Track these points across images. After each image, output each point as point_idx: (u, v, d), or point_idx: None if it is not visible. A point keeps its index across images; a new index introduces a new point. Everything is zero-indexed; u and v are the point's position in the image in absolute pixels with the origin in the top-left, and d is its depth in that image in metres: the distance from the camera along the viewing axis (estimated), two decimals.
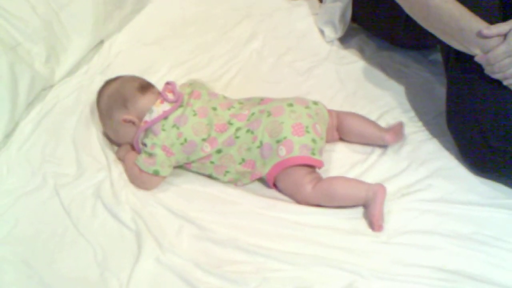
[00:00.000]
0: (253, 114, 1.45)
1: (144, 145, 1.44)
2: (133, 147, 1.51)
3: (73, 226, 1.35)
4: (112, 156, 1.51)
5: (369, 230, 1.35)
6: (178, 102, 1.44)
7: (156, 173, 1.42)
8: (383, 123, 1.62)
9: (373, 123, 1.57)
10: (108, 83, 1.56)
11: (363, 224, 1.36)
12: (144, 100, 1.48)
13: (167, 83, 1.50)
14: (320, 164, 1.43)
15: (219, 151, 1.42)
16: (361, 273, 1.25)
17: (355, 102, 1.67)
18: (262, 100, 1.50)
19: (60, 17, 1.75)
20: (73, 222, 1.36)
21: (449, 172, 1.49)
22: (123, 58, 1.83)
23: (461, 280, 1.24)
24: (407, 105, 1.70)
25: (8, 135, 1.54)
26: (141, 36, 1.91)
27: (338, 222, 1.36)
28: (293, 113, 1.43)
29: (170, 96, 1.46)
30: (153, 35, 1.90)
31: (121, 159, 1.50)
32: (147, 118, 1.44)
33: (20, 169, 1.47)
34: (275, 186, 1.45)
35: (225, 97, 1.53)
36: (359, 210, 1.39)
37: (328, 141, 1.53)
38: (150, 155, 1.42)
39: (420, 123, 1.64)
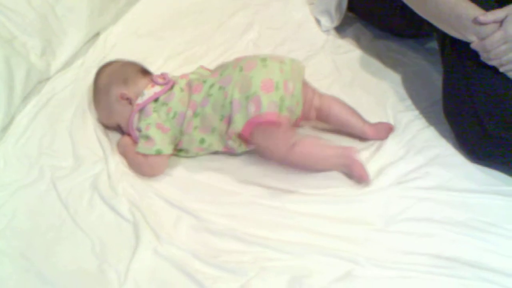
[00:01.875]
0: (226, 69, 1.47)
1: (139, 130, 1.45)
2: (129, 138, 1.50)
3: (71, 219, 1.35)
4: (109, 148, 1.51)
5: (366, 219, 1.35)
6: (168, 85, 1.48)
7: (159, 152, 1.42)
8: (380, 111, 1.62)
9: (357, 114, 1.55)
10: (109, 63, 1.60)
11: (360, 213, 1.36)
12: (143, 81, 1.51)
13: (162, 73, 1.54)
14: (285, 120, 1.40)
15: (197, 114, 1.44)
16: (359, 261, 1.25)
17: (351, 91, 1.67)
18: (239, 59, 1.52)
19: (55, 10, 1.75)
20: (71, 214, 1.36)
21: (446, 159, 1.48)
22: (119, 50, 1.83)
23: (458, 266, 1.24)
24: (403, 94, 1.70)
25: (5, 129, 1.54)
26: (137, 28, 1.91)
27: (335, 211, 1.36)
28: (264, 67, 1.42)
29: (160, 80, 1.50)
30: (149, 27, 1.90)
31: (122, 154, 1.50)
32: (139, 101, 1.47)
33: (17, 162, 1.47)
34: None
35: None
36: (356, 199, 1.39)
37: (304, 117, 1.54)
38: (148, 137, 1.42)
39: (417, 111, 1.64)
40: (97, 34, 1.89)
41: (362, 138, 1.55)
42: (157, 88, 1.48)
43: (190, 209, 1.37)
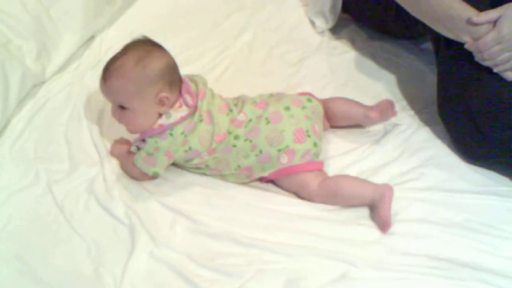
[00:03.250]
0: (250, 120, 1.42)
1: (144, 141, 1.40)
2: (124, 146, 1.50)
3: (67, 222, 1.35)
4: (104, 151, 1.50)
5: (363, 221, 1.35)
6: (194, 108, 1.39)
7: (155, 174, 1.41)
8: None
9: (357, 103, 1.56)
10: (160, 48, 1.43)
11: (356, 215, 1.36)
12: (176, 94, 1.41)
13: (186, 86, 1.42)
14: (320, 166, 1.43)
15: (215, 158, 1.42)
16: (355, 263, 1.26)
17: (346, 93, 1.66)
18: (256, 103, 1.46)
19: (50, 13, 1.75)
20: (67, 218, 1.36)
21: (441, 160, 1.49)
22: (114, 53, 1.83)
23: (455, 268, 1.25)
24: (398, 94, 1.70)
25: (0, 132, 1.53)
26: (132, 30, 1.89)
27: (332, 213, 1.37)
28: (292, 118, 1.42)
29: (189, 99, 1.40)
30: (144, 29, 1.88)
31: (115, 156, 1.50)
32: (164, 121, 1.38)
33: (12, 166, 1.47)
34: (271, 181, 1.45)
35: (220, 97, 1.48)
36: None
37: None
38: (151, 155, 1.39)
39: (411, 112, 1.64)
40: (92, 37, 1.89)
41: (370, 124, 1.57)
42: (184, 111, 1.38)
43: (186, 212, 1.37)
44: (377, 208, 1.34)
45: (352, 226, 1.34)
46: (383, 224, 1.33)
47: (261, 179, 1.45)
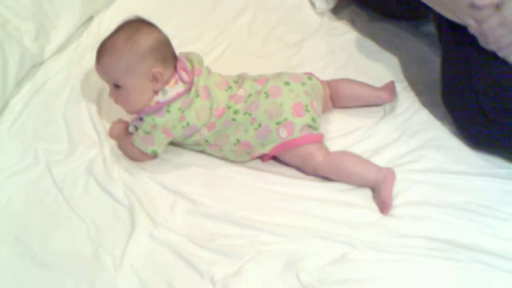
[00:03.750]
0: (250, 95, 1.43)
1: (142, 119, 1.40)
2: (122, 126, 1.50)
3: (66, 203, 1.35)
4: (103, 132, 1.50)
5: (362, 202, 1.35)
6: (190, 84, 1.39)
7: (154, 153, 1.41)
8: None
9: (367, 84, 1.58)
10: (151, 26, 1.44)
11: (355, 196, 1.36)
12: (171, 70, 1.41)
13: (177, 59, 1.44)
14: (321, 138, 1.43)
15: (215, 132, 1.41)
16: (354, 244, 1.26)
17: (346, 74, 1.65)
18: (256, 80, 1.46)
19: None
20: (66, 199, 1.36)
21: (441, 142, 1.48)
22: None
23: (454, 249, 1.25)
24: (399, 76, 1.69)
25: None
26: (130, 11, 1.89)
27: (331, 194, 1.37)
28: (291, 92, 1.42)
29: (184, 76, 1.40)
30: (142, 10, 1.86)
31: (114, 138, 1.50)
32: (160, 98, 1.38)
33: (11, 147, 1.47)
34: (272, 157, 1.45)
35: (219, 75, 1.49)
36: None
37: (323, 111, 1.53)
38: (148, 133, 1.39)
39: (412, 93, 1.63)
40: (90, 18, 1.88)
41: (379, 104, 1.59)
42: (180, 87, 1.39)
43: (185, 193, 1.37)
44: (378, 190, 1.35)
45: (351, 208, 1.34)
46: (384, 206, 1.33)
47: (262, 158, 1.45)
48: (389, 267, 1.23)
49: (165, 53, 1.41)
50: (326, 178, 1.40)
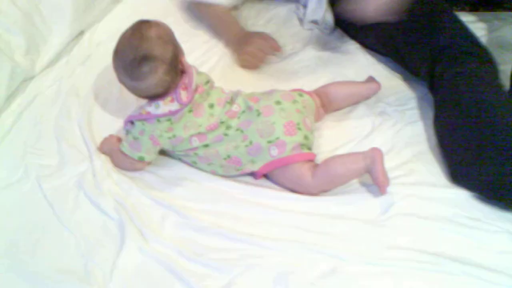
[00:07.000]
0: (243, 112, 1.44)
1: (132, 122, 1.43)
2: (115, 138, 1.50)
3: (56, 218, 1.35)
4: (93, 147, 1.50)
5: (351, 215, 1.35)
6: (185, 106, 1.40)
7: (141, 159, 1.42)
8: (366, 106, 1.64)
9: (354, 81, 1.65)
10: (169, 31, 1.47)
11: (345, 209, 1.37)
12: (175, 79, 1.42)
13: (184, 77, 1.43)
14: (312, 157, 1.44)
15: (206, 146, 1.42)
16: (344, 257, 1.26)
17: None
18: (249, 97, 1.48)
19: (39, 8, 1.74)
20: (56, 213, 1.36)
21: (430, 156, 1.49)
22: (104, 48, 1.81)
23: (443, 262, 1.25)
24: (389, 89, 1.69)
25: None
26: (122, 26, 1.89)
27: (321, 207, 1.37)
28: (282, 111, 1.43)
29: (183, 96, 1.40)
30: None
31: (104, 152, 1.50)
32: (152, 110, 1.39)
33: (1, 162, 1.47)
34: (264, 176, 1.45)
35: (222, 91, 1.50)
36: (342, 196, 1.40)
37: (316, 121, 1.55)
38: (136, 139, 1.41)
39: (402, 107, 1.64)
40: (81, 32, 1.88)
41: (371, 96, 1.65)
42: (174, 106, 1.39)
43: (175, 207, 1.37)
44: (372, 172, 1.37)
45: (341, 220, 1.34)
46: (381, 185, 1.36)
47: (253, 175, 1.45)
48: (378, 279, 1.23)
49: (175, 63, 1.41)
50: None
